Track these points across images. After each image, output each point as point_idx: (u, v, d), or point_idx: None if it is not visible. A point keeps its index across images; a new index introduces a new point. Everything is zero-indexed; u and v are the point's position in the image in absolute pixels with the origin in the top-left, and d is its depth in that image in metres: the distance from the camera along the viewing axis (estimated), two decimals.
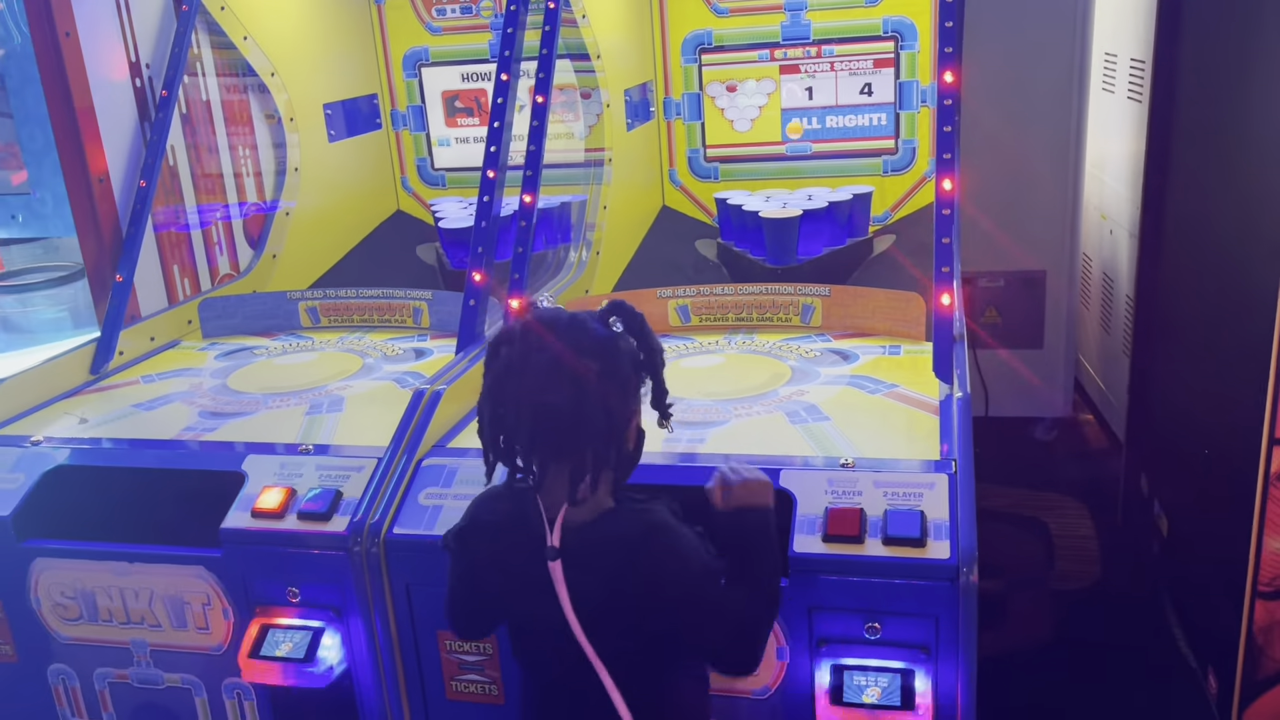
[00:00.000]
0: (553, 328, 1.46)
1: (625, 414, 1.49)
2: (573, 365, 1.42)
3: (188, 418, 2.33)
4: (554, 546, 1.47)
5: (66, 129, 2.62)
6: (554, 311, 1.51)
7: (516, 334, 1.47)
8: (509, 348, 1.46)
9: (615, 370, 1.46)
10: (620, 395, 1.47)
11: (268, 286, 3.23)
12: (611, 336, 1.48)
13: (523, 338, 1.45)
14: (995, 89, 3.58)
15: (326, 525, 1.93)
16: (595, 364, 1.43)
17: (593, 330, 1.47)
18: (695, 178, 3.77)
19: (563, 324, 1.47)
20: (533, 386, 1.42)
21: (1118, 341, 3.87)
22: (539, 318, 1.48)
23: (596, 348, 1.45)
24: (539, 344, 1.44)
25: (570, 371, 1.42)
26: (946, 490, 1.77)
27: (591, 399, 1.42)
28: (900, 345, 2.47)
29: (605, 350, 1.46)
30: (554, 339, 1.44)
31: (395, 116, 3.94)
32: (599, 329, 1.48)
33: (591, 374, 1.43)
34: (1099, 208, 4.11)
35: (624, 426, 1.49)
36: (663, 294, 2.69)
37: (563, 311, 1.52)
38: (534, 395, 1.42)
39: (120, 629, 2.08)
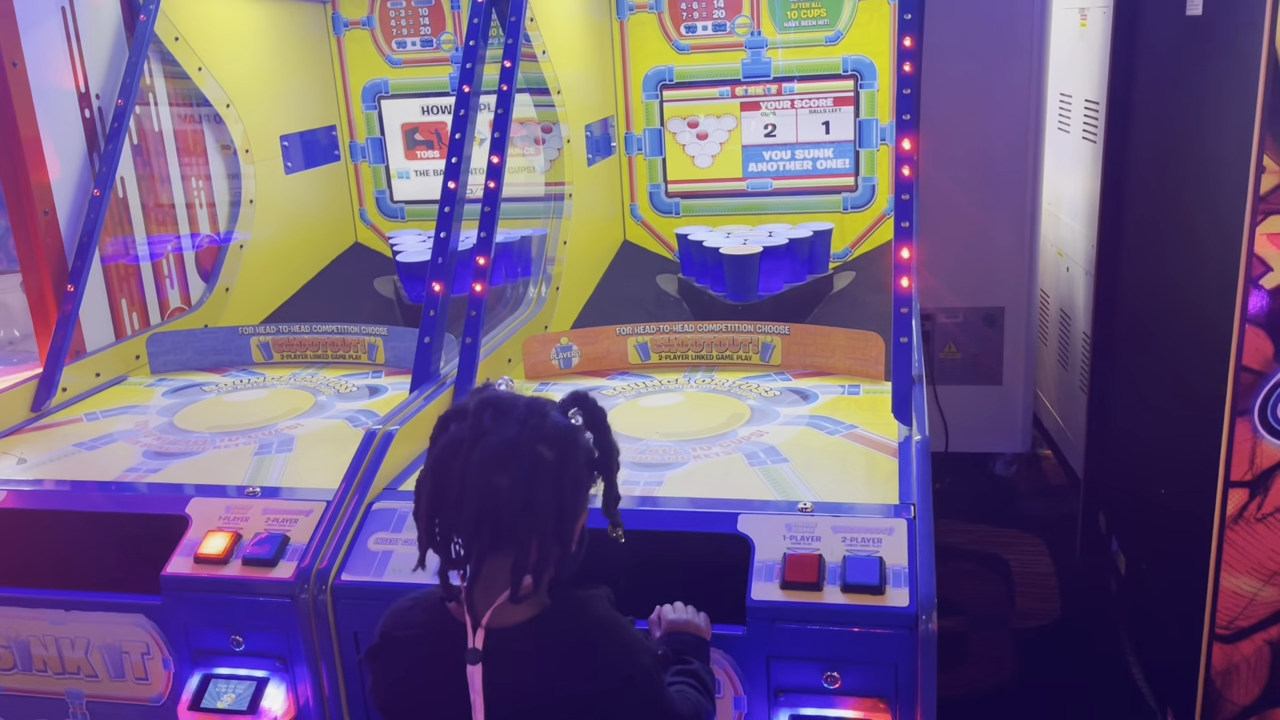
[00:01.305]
0: (509, 409, 1.38)
1: (575, 509, 1.41)
2: (528, 449, 1.34)
3: (131, 458, 2.26)
4: (475, 649, 1.35)
5: (11, 160, 2.56)
6: (511, 394, 1.44)
7: (470, 410, 1.38)
8: (460, 424, 1.38)
9: (571, 462, 1.38)
10: (573, 489, 1.39)
11: (220, 320, 3.17)
12: (571, 428, 1.41)
13: (476, 415, 1.37)
14: (952, 128, 3.60)
15: (272, 571, 1.87)
16: (551, 452, 1.36)
17: (552, 418, 1.39)
18: (656, 213, 3.76)
19: (520, 407, 1.39)
20: (482, 465, 1.33)
21: (1075, 378, 3.90)
22: (496, 397, 1.40)
23: (554, 436, 1.37)
24: (493, 423, 1.36)
25: (524, 455, 1.34)
26: (905, 536, 1.75)
27: (544, 487, 1.34)
28: (860, 385, 2.46)
29: (563, 440, 1.38)
30: (510, 420, 1.36)
31: (354, 148, 3.91)
32: (558, 418, 1.41)
33: (545, 463, 1.35)
34: (1056, 245, 4.15)
35: (573, 523, 1.41)
36: (622, 331, 2.67)
37: (521, 395, 1.45)
38: (482, 475, 1.33)
39: (55, 679, 2.00)
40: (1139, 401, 2.92)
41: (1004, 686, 3.01)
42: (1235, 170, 2.08)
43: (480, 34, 2.66)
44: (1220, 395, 2.11)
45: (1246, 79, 2.07)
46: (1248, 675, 2.24)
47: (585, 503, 1.44)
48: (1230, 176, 2.12)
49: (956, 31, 3.53)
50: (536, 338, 2.65)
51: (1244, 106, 2.07)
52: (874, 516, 1.80)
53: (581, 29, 3.38)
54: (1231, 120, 2.16)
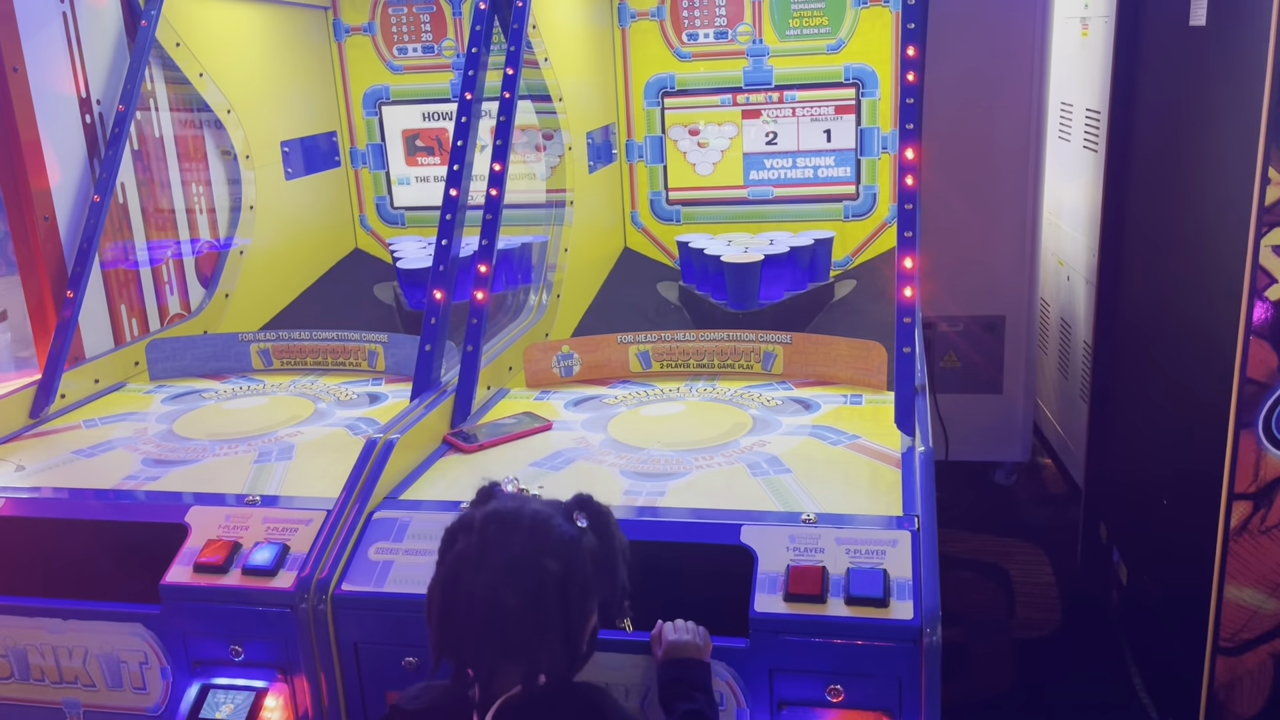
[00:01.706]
0: (515, 522, 1.42)
1: (583, 616, 1.45)
2: (533, 565, 1.38)
3: (130, 465, 2.25)
4: None
5: (11, 165, 2.55)
6: (517, 503, 1.47)
7: (476, 525, 1.42)
8: (466, 538, 1.42)
9: (577, 572, 1.42)
10: (580, 598, 1.43)
11: (220, 327, 3.16)
12: (575, 536, 1.44)
13: (482, 529, 1.41)
14: (954, 136, 3.60)
15: (272, 581, 1.86)
16: (556, 565, 1.39)
17: (556, 529, 1.43)
18: (657, 220, 3.75)
19: (525, 519, 1.42)
20: (489, 582, 1.38)
21: (1076, 387, 3.90)
22: (501, 510, 1.43)
23: (559, 548, 1.41)
24: (499, 538, 1.40)
25: (530, 571, 1.38)
26: (909, 548, 1.74)
27: (549, 601, 1.39)
28: (862, 395, 2.45)
29: (568, 551, 1.42)
30: (515, 535, 1.40)
31: (354, 154, 3.90)
32: (563, 527, 1.44)
33: (552, 576, 1.39)
34: (1056, 254, 4.15)
35: (581, 630, 1.46)
36: (624, 339, 2.66)
37: (527, 503, 1.48)
38: (489, 592, 1.37)
39: (53, 689, 1.99)
40: (1141, 412, 2.92)
41: (1004, 696, 3.00)
42: (1239, 182, 2.08)
43: (483, 41, 2.65)
44: (1224, 407, 2.11)
45: (1250, 90, 2.07)
46: (1251, 688, 2.23)
47: (594, 606, 1.48)
48: (1234, 188, 2.12)
49: (958, 40, 3.53)
50: (537, 345, 2.64)
51: (1248, 118, 2.07)
52: (877, 528, 1.79)
53: (583, 36, 3.38)
54: (1235, 132, 2.16)
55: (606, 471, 2.09)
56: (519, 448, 2.24)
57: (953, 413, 3.94)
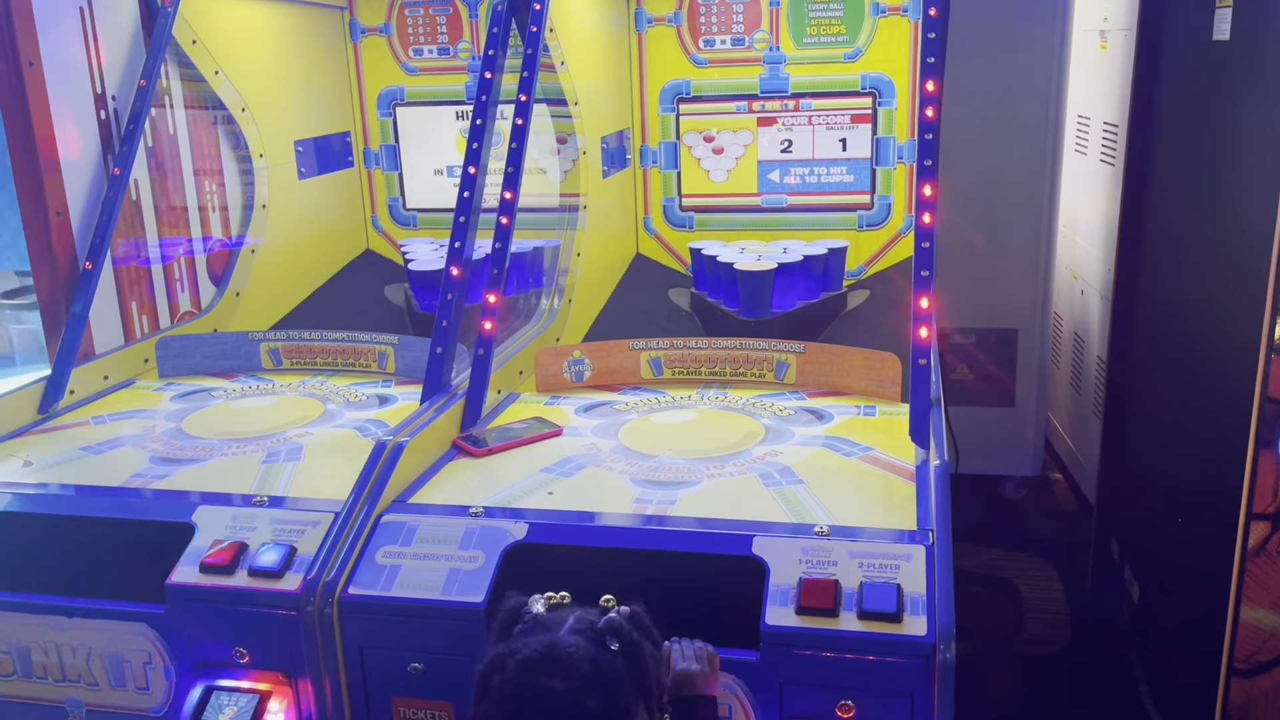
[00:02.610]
0: (550, 665, 1.41)
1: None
2: (573, 708, 1.39)
3: (138, 463, 2.23)
4: None
5: (25, 160, 2.54)
6: (548, 640, 1.45)
7: (511, 668, 1.41)
8: (502, 677, 1.41)
9: (617, 703, 1.42)
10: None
11: (230, 325, 3.14)
12: (610, 668, 1.43)
13: (518, 676, 1.40)
14: (969, 147, 3.59)
15: (279, 583, 1.85)
16: (595, 703, 1.40)
17: (589, 664, 1.42)
18: (670, 226, 3.74)
19: (560, 661, 1.41)
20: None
21: (1088, 402, 3.87)
22: (535, 655, 1.42)
23: (596, 685, 1.41)
24: (536, 683, 1.39)
25: (573, 712, 1.39)
26: (924, 563, 1.72)
27: None
28: (875, 406, 2.43)
29: (606, 685, 1.42)
30: (552, 678, 1.40)
31: (368, 155, 3.89)
32: (597, 661, 1.43)
33: (593, 711, 1.39)
34: (1070, 267, 4.12)
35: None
36: (635, 345, 2.64)
37: (559, 638, 1.46)
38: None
39: (55, 686, 1.97)
40: (1155, 429, 2.89)
41: (1012, 714, 2.97)
42: (1262, 197, 2.06)
43: (499, 43, 2.64)
44: (1243, 426, 2.08)
45: (1275, 105, 2.05)
46: (1266, 711, 2.20)
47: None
48: (1256, 204, 2.09)
49: (975, 51, 3.52)
50: (548, 350, 2.62)
51: (1272, 133, 2.05)
52: (891, 542, 1.77)
53: (600, 40, 3.36)
54: (1259, 147, 2.14)
55: (617, 479, 2.07)
56: (529, 453, 2.22)
57: (963, 425, 3.92)
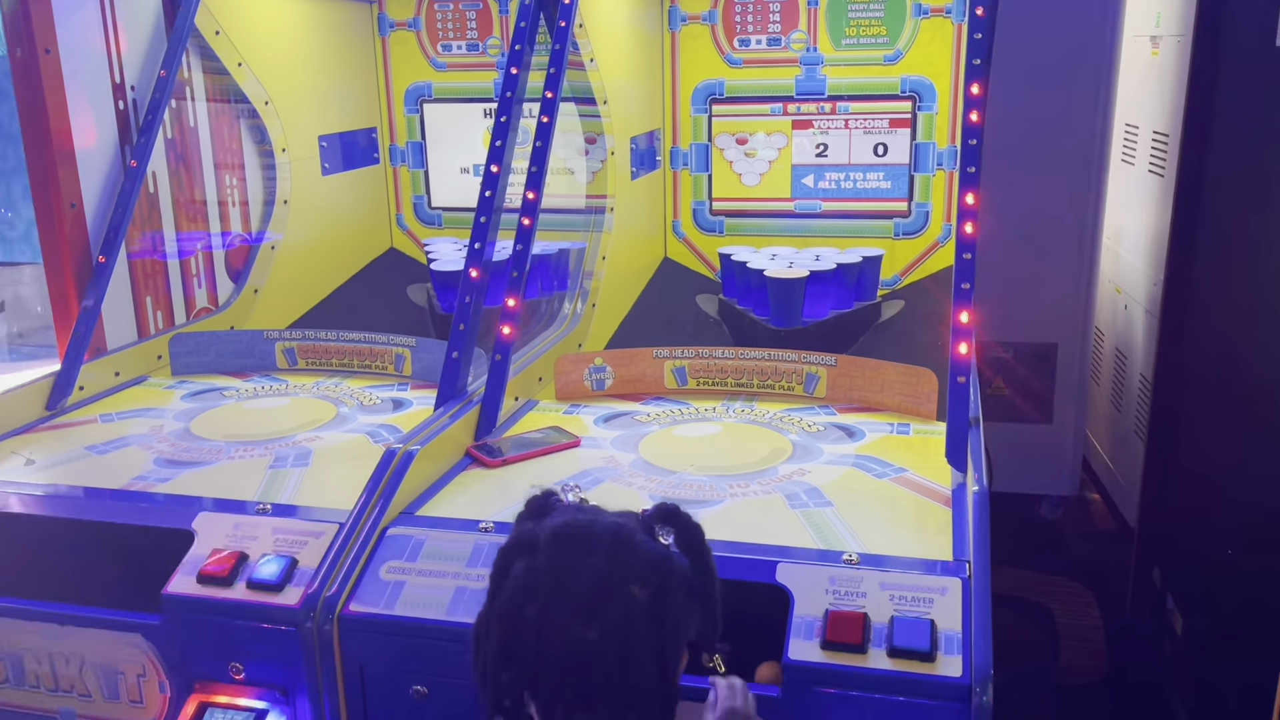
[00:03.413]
0: (591, 540, 1.15)
1: (678, 657, 1.21)
2: (618, 593, 1.13)
3: (142, 465, 2.16)
4: None
5: (39, 150, 2.48)
6: (589, 515, 1.20)
7: (542, 543, 1.16)
8: (530, 559, 1.16)
9: (670, 600, 1.17)
10: (675, 634, 1.18)
11: (247, 323, 3.08)
12: (665, 556, 1.20)
13: (550, 549, 1.15)
14: (1012, 154, 3.46)
15: (278, 597, 1.76)
16: (646, 592, 1.14)
17: (642, 545, 1.17)
18: (700, 231, 3.64)
19: (604, 535, 1.16)
20: (566, 616, 1.12)
21: (1129, 421, 3.73)
22: (572, 524, 1.17)
23: (648, 571, 1.16)
24: (573, 559, 1.14)
25: (615, 600, 1.13)
26: (960, 597, 1.61)
27: (640, 638, 1.13)
28: (909, 424, 2.31)
29: (659, 575, 1.16)
30: (593, 554, 1.14)
31: (394, 152, 3.82)
32: (649, 545, 1.18)
33: (641, 606, 1.14)
34: (1114, 281, 3.98)
35: (674, 673, 1.20)
36: (659, 354, 2.54)
37: (600, 515, 1.21)
38: (566, 627, 1.12)
39: (48, 696, 1.90)
40: (1203, 452, 2.75)
41: None
42: None
43: (527, 38, 2.55)
44: None
45: None
46: None
47: (686, 644, 1.23)
48: None
49: (1021, 56, 3.39)
50: (569, 357, 2.53)
51: None
52: (926, 573, 1.66)
53: (632, 38, 3.27)
54: None
55: (635, 495, 1.97)
56: (545, 464, 2.13)
57: (999, 441, 3.78)
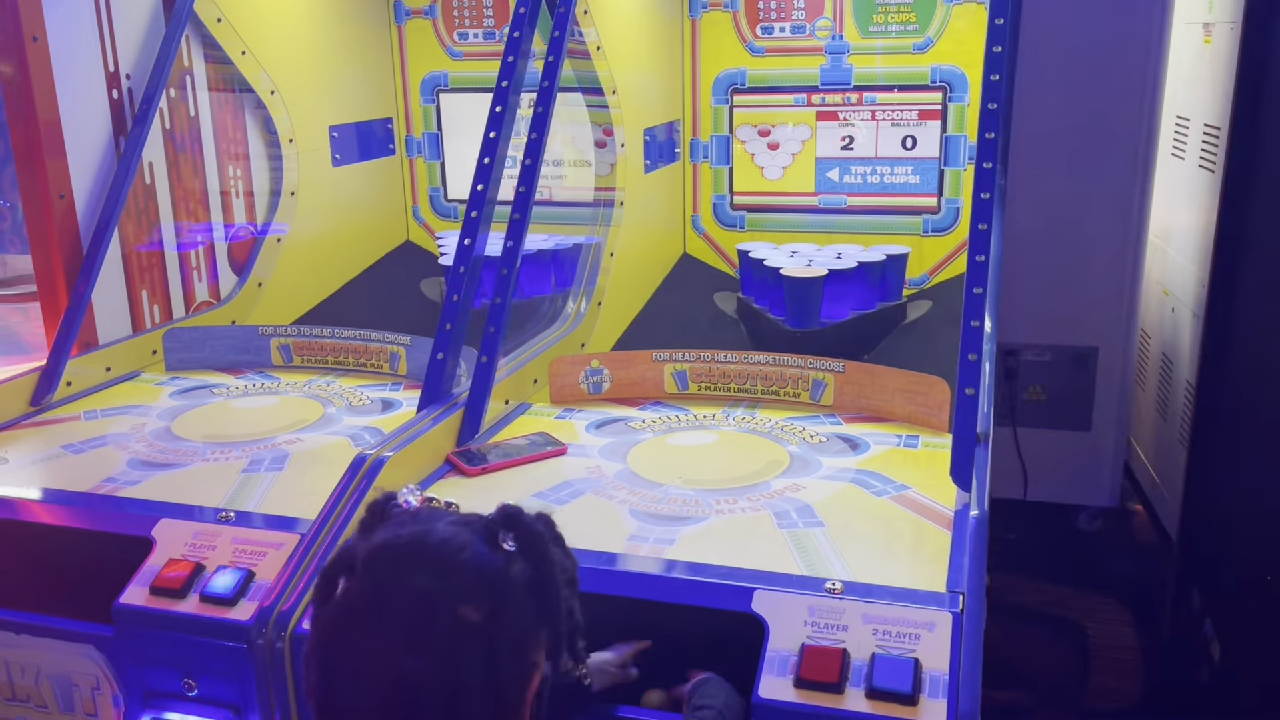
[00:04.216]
0: (415, 556, 1.04)
1: (520, 678, 1.08)
2: (444, 615, 1.02)
3: (114, 466, 2.09)
4: None
5: (26, 139, 2.43)
6: (418, 528, 1.07)
7: (360, 561, 1.05)
8: (349, 580, 1.05)
9: (507, 619, 1.05)
10: (514, 654, 1.07)
11: (251, 318, 3.01)
12: (500, 568, 1.08)
13: (368, 569, 1.04)
14: (1052, 147, 3.28)
15: (230, 611, 1.68)
16: (477, 612, 1.03)
17: (471, 561, 1.05)
18: (720, 226, 3.50)
19: (429, 551, 1.04)
20: (383, 644, 1.01)
21: (1175, 430, 3.52)
22: (394, 540, 1.06)
23: (479, 587, 1.04)
24: (394, 581, 1.03)
25: (441, 624, 1.02)
26: (949, 633, 1.47)
27: (471, 664, 1.02)
28: (919, 436, 2.16)
29: (492, 591, 1.05)
30: (417, 573, 1.03)
31: (410, 143, 3.74)
32: (482, 556, 1.06)
33: (472, 629, 1.03)
34: (1161, 282, 3.77)
35: (519, 695, 1.08)
36: (659, 356, 2.42)
37: (432, 525, 1.08)
38: (385, 658, 1.01)
39: (4, 705, 1.84)
40: (1248, 466, 2.57)
41: None
42: None
43: (526, 24, 2.44)
44: None
45: None
46: None
47: (536, 659, 1.11)
48: None
49: (1064, 45, 3.21)
50: (565, 359, 2.42)
51: None
52: (914, 605, 1.52)
53: (646, 25, 3.14)
54: None
55: (615, 509, 1.85)
56: (526, 474, 2.02)
57: (1034, 449, 3.62)
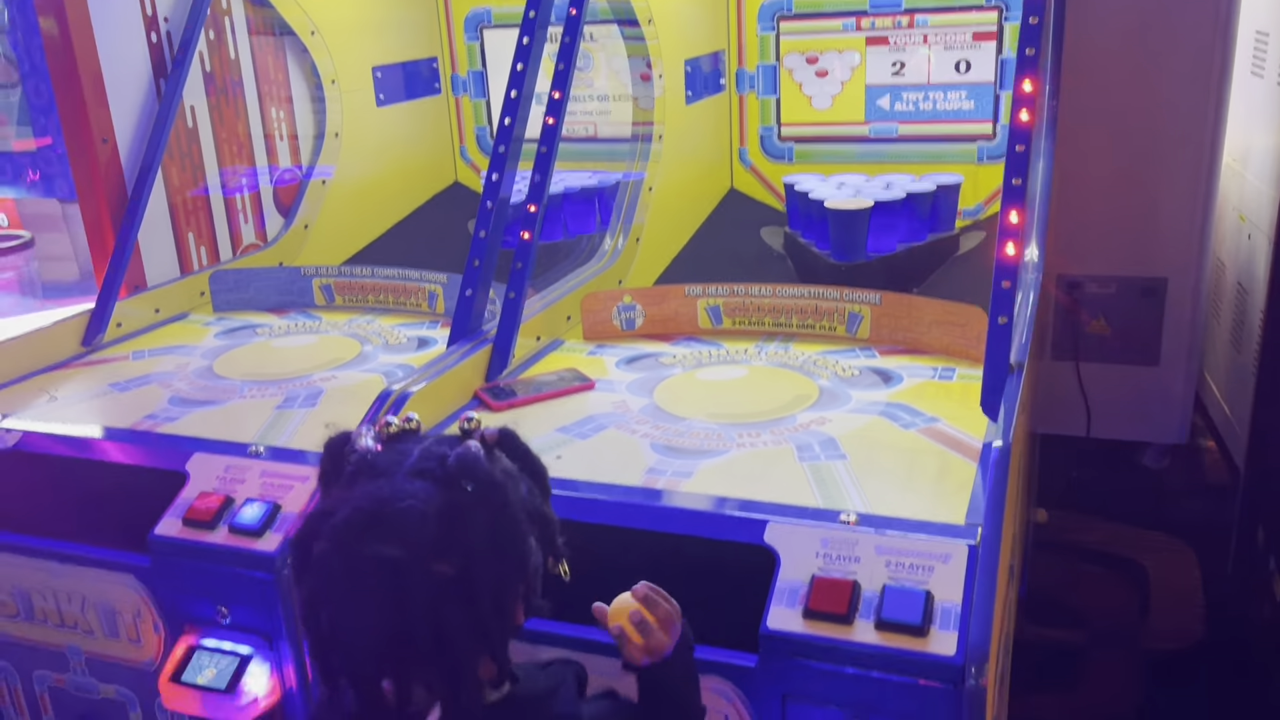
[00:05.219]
0: (380, 520, 1.04)
1: (502, 610, 1.12)
2: (419, 579, 1.04)
3: (156, 403, 2.15)
4: None
5: (68, 85, 2.47)
6: (382, 486, 1.07)
7: (326, 531, 1.06)
8: (321, 549, 1.07)
9: (481, 565, 1.08)
10: (494, 594, 1.10)
11: (298, 259, 3.05)
12: (464, 517, 1.08)
13: (338, 541, 1.05)
14: (1115, 66, 3.12)
15: (257, 543, 1.72)
16: (450, 566, 1.05)
17: (437, 518, 1.06)
18: (767, 158, 3.42)
19: (392, 516, 1.05)
20: (366, 610, 1.05)
21: (1249, 362, 3.37)
22: (357, 512, 1.06)
23: (448, 543, 1.06)
24: (362, 553, 1.04)
25: (417, 588, 1.04)
26: (964, 566, 1.43)
27: (453, 619, 1.06)
28: (955, 368, 2.10)
29: (460, 545, 1.06)
30: (385, 541, 1.04)
31: (455, 81, 3.72)
32: (444, 508, 1.07)
33: (449, 584, 1.05)
34: (1237, 208, 3.59)
35: (505, 622, 1.13)
36: (691, 291, 2.38)
37: (395, 482, 1.08)
38: (369, 621, 1.05)
39: (56, 631, 1.92)
40: None
41: (1126, 715, 2.63)
42: None
43: None
44: None
45: None
46: None
47: (519, 584, 1.14)
48: None
49: None
50: (597, 294, 2.40)
51: None
52: (929, 537, 1.48)
53: None
54: None
55: (636, 443, 1.84)
56: (552, 409, 2.02)
57: (1098, 384, 3.50)
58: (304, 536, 1.10)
